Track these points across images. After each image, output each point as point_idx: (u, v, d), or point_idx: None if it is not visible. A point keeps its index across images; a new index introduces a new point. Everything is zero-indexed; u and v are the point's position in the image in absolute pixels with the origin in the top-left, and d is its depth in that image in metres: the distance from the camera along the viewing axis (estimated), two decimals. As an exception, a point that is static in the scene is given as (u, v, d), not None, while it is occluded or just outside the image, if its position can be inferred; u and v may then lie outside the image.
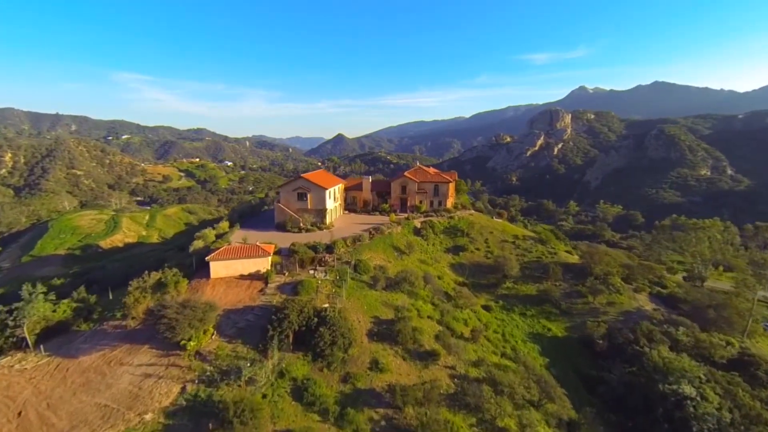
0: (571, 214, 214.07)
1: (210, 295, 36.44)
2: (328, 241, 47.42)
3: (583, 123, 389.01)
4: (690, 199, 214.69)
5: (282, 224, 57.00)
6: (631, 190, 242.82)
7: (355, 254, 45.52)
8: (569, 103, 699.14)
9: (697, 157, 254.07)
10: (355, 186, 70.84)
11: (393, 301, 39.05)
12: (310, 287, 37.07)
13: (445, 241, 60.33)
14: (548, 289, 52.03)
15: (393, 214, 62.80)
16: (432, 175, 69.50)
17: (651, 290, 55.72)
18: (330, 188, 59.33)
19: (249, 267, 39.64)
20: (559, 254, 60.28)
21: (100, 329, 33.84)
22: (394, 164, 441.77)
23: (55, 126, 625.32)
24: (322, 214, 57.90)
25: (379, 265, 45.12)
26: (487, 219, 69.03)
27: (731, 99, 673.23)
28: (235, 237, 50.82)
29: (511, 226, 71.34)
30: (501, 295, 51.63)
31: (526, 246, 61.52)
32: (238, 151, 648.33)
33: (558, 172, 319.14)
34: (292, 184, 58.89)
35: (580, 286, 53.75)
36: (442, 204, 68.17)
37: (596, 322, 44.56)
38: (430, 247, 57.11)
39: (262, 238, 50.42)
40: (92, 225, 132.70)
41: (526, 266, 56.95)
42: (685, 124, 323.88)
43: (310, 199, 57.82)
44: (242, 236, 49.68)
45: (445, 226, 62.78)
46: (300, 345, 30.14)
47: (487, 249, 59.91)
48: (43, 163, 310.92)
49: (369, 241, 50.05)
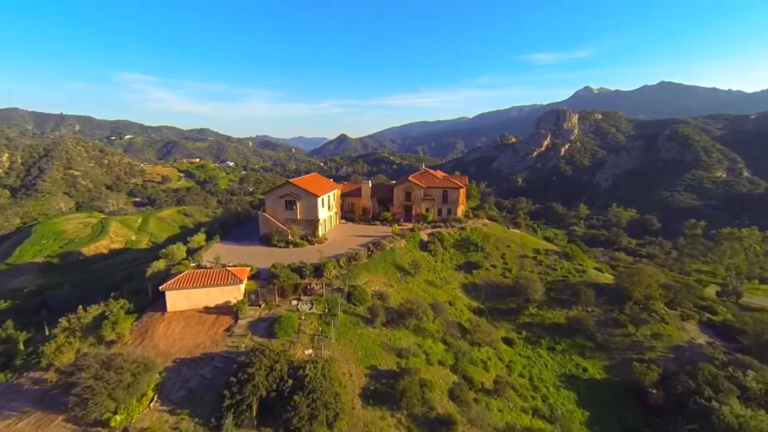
0: (581, 217, 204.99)
1: (162, 336, 28.61)
2: (317, 260, 39.52)
3: (590, 123, 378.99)
4: (707, 202, 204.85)
5: (267, 237, 49.16)
6: (643, 192, 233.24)
7: (350, 278, 37.53)
8: (574, 104, 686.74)
9: (713, 159, 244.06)
10: (353, 192, 62.86)
11: (395, 342, 31.03)
12: (291, 325, 29.16)
13: (456, 256, 52.20)
14: (579, 316, 43.83)
15: (396, 225, 54.81)
16: (440, 180, 61.44)
17: (700, 317, 47.30)
18: (323, 195, 51.40)
19: (216, 297, 31.77)
20: (588, 272, 52.01)
21: (16, 384, 26.08)
22: (397, 165, 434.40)
23: (59, 126, 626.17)
24: (314, 225, 49.98)
25: (379, 292, 37.09)
26: (502, 229, 60.88)
27: (739, 99, 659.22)
28: (209, 254, 43.02)
29: (530, 237, 63.08)
30: (524, 324, 43.47)
31: (550, 262, 53.31)
32: (241, 152, 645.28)
33: (565, 173, 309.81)
34: (278, 190, 50.97)
35: (616, 312, 45.48)
36: (452, 212, 60.10)
37: (645, 365, 36.25)
38: (438, 265, 49.01)
39: (241, 255, 42.66)
40: (78, 230, 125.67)
41: (551, 287, 48.72)
42: (696, 125, 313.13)
43: (299, 208, 49.92)
44: (216, 254, 41.89)
45: (455, 238, 54.68)
46: (268, 417, 22.17)
47: (504, 266, 51.74)
48: (40, 163, 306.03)
49: (367, 259, 42.05)
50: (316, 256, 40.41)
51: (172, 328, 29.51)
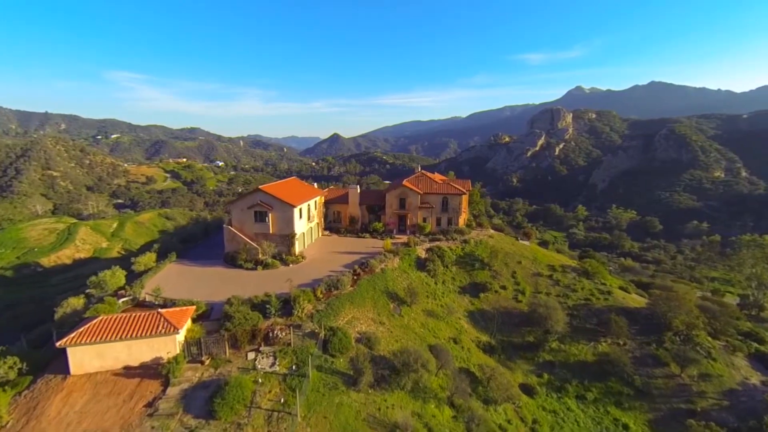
0: (580, 219, 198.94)
1: (54, 419, 20.00)
2: (288, 289, 31.13)
3: (584, 123, 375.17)
4: (707, 203, 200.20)
5: (232, 256, 40.60)
6: (641, 193, 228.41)
7: (328, 316, 29.21)
8: (566, 103, 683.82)
9: (710, 158, 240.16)
10: (339, 198, 54.34)
11: (386, 414, 22.81)
12: (240, 395, 20.78)
13: (459, 276, 44.11)
14: (612, 353, 36.08)
15: (389, 239, 46.53)
16: (439, 185, 53.12)
17: (747, 348, 39.86)
18: (300, 204, 42.87)
19: (141, 353, 23.28)
20: (614, 294, 44.33)
21: None
22: (390, 164, 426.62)
23: (44, 125, 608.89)
24: (289, 241, 41.50)
25: (366, 334, 28.80)
26: (510, 242, 52.92)
27: (729, 99, 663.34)
28: (156, 281, 34.36)
29: (542, 251, 55.09)
30: (545, 364, 35.59)
31: (568, 281, 45.52)
32: (232, 151, 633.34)
33: (560, 173, 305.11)
34: (246, 199, 42.31)
35: (654, 345, 37.81)
36: (453, 222, 51.96)
37: (703, 424, 28.58)
38: (439, 288, 40.88)
39: (196, 282, 34.14)
40: (42, 237, 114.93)
41: (572, 313, 40.90)
42: (690, 124, 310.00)
43: (271, 221, 41.38)
44: (164, 281, 33.29)
45: (458, 254, 46.55)
46: None
47: (516, 287, 43.78)
48: (17, 163, 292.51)
49: (352, 287, 33.68)
50: (289, 281, 31.93)
51: (72, 402, 20.90)
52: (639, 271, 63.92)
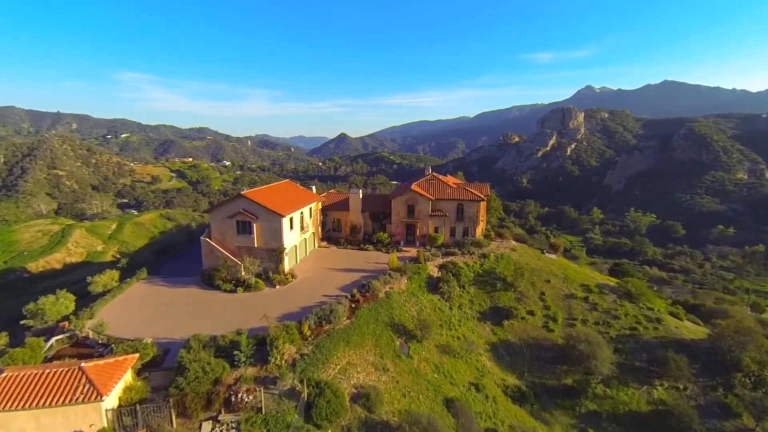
0: (596, 222, 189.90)
1: None
2: (267, 323, 24.64)
3: (596, 122, 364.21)
4: (730, 206, 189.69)
5: (210, 274, 34.26)
6: (660, 195, 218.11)
7: (316, 362, 22.58)
8: (576, 103, 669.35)
9: (733, 159, 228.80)
10: (339, 204, 47.68)
11: None
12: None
13: (478, 298, 37.23)
14: (671, 401, 28.97)
15: (394, 254, 39.82)
16: (453, 189, 45.96)
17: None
18: (291, 213, 36.34)
19: (54, 427, 16.91)
20: (664, 321, 37.07)
21: None
22: (398, 164, 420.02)
23: (55, 124, 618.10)
24: (277, 257, 35.03)
25: (364, 389, 22.14)
26: (535, 255, 45.74)
27: (744, 98, 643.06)
28: (106, 312, 28.09)
29: (573, 266, 47.60)
30: (588, 415, 28.61)
31: (607, 305, 38.35)
32: (239, 151, 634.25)
33: (572, 174, 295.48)
34: (227, 206, 35.88)
35: (720, 391, 30.55)
36: (470, 233, 44.72)
37: None
38: (455, 314, 34.06)
39: (160, 309, 27.93)
40: (35, 239, 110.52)
41: (616, 347, 33.70)
42: (707, 124, 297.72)
43: (256, 233, 34.95)
44: (111, 314, 27.06)
45: (476, 271, 39.66)
46: None
47: (546, 312, 36.76)
48: (23, 162, 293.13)
49: (349, 319, 27.03)
50: (265, 317, 25.42)
51: None
52: (679, 288, 55.84)
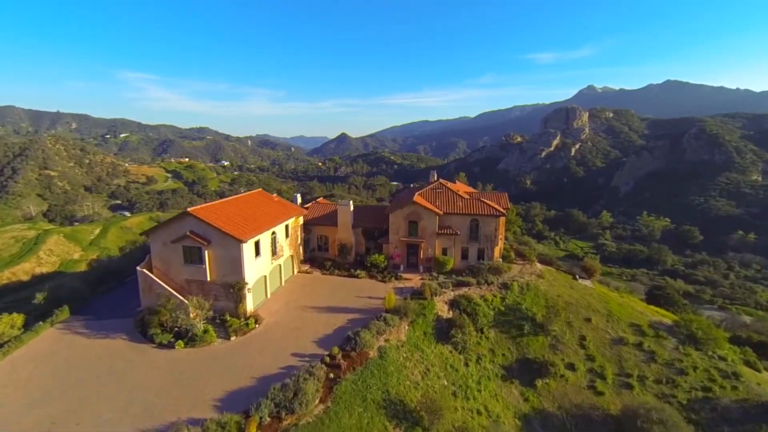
0: (605, 227, 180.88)
1: None
2: (204, 415, 15.98)
3: (601, 122, 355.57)
4: (747, 210, 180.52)
5: (145, 319, 25.66)
6: (671, 197, 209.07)
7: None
8: (578, 102, 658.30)
9: (746, 160, 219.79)
10: (325, 218, 38.87)
11: None
12: None
13: (500, 346, 28.57)
14: None
15: (392, 285, 31.22)
16: (466, 202, 36.60)
17: None
18: (256, 236, 27.63)
19: None
20: (743, 376, 28.51)
21: None
22: (398, 165, 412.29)
23: (55, 124, 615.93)
24: (237, 295, 26.42)
25: None
26: (566, 282, 36.70)
27: (748, 98, 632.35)
28: None
29: (613, 296, 38.46)
30: None
31: (668, 355, 29.74)
32: (239, 151, 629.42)
33: (577, 175, 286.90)
34: (171, 227, 27.20)
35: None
36: (486, 255, 35.89)
37: None
38: (473, 372, 25.45)
39: (59, 381, 19.50)
40: (7, 246, 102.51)
41: (688, 417, 25.08)
42: (716, 123, 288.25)
43: (209, 262, 26.37)
44: None
45: (497, 308, 30.94)
46: None
47: (590, 366, 28.06)
48: (14, 163, 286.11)
49: (322, 404, 18.40)
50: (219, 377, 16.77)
51: None
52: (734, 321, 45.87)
